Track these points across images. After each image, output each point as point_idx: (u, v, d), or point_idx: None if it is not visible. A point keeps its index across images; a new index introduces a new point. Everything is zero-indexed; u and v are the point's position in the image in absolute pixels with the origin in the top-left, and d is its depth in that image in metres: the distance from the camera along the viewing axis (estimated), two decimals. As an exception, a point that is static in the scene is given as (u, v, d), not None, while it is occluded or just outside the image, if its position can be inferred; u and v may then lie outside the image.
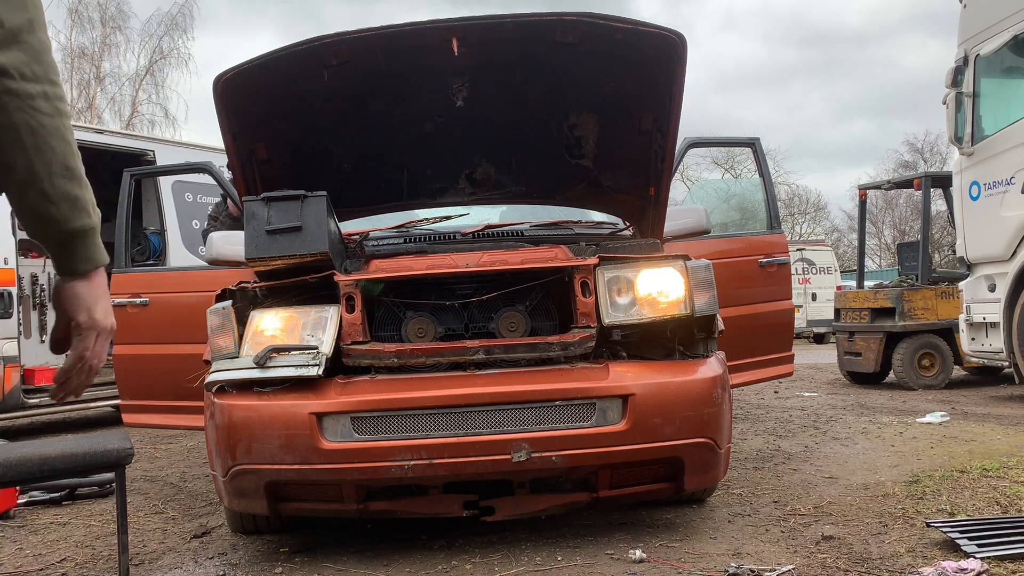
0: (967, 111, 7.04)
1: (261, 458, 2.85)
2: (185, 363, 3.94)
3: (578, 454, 2.86)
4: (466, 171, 4.13)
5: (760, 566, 2.78)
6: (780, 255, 5.24)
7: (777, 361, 5.20)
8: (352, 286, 3.07)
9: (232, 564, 3.16)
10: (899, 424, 6.06)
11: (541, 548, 3.12)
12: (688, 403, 2.93)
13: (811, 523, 3.35)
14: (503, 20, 3.21)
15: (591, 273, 3.12)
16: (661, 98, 3.44)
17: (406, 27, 3.19)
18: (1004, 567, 2.60)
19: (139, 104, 26.38)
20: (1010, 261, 6.69)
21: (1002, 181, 6.75)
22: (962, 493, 3.68)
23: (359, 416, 2.86)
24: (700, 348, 3.17)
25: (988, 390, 8.48)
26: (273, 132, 3.60)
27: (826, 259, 21.50)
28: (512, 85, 3.63)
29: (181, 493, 4.63)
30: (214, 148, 8.66)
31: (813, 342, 21.59)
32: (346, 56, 3.30)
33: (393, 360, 3.04)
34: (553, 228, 3.93)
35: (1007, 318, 6.71)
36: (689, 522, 3.43)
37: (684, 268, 3.11)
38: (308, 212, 3.04)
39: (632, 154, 3.82)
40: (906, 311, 8.86)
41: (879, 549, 2.94)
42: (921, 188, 9.56)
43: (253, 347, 3.01)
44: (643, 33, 3.20)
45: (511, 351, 3.05)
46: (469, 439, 2.83)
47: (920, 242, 9.97)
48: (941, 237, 29.18)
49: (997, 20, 6.81)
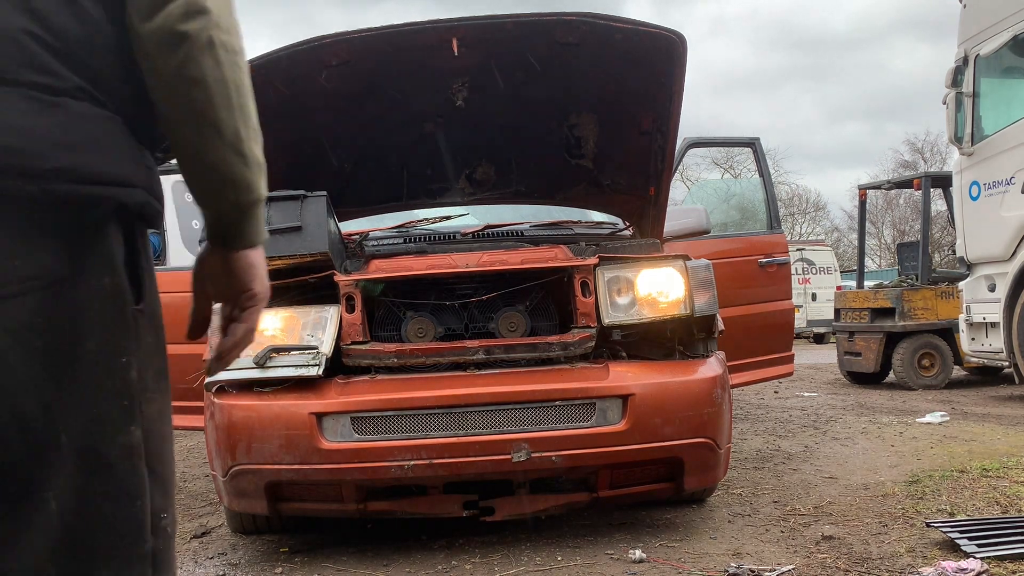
0: (967, 111, 7.04)
1: (261, 458, 2.85)
2: (185, 363, 3.93)
3: (578, 454, 2.87)
4: (466, 171, 4.13)
5: (760, 566, 2.78)
6: (780, 255, 5.24)
7: (777, 361, 5.21)
8: (352, 286, 3.07)
9: (232, 564, 3.16)
10: (899, 424, 6.06)
11: (541, 548, 3.12)
12: (688, 403, 2.93)
13: (811, 523, 3.35)
14: (503, 20, 3.21)
15: (591, 273, 3.12)
16: (661, 98, 3.44)
17: (406, 27, 3.19)
18: (1004, 567, 2.60)
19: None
20: (1010, 261, 6.69)
21: (1002, 181, 6.75)
22: (962, 493, 3.68)
23: (359, 416, 2.86)
24: (700, 348, 3.17)
25: (988, 390, 8.48)
26: (273, 132, 3.59)
27: (826, 259, 21.50)
28: (512, 85, 3.63)
29: (181, 493, 4.63)
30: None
31: (813, 342, 21.59)
32: (346, 56, 3.30)
33: (393, 360, 3.04)
34: (553, 228, 3.93)
35: (1007, 318, 6.71)
36: (689, 522, 3.43)
37: (684, 268, 3.11)
38: (308, 212, 3.04)
39: (632, 154, 3.82)
40: (906, 311, 8.86)
41: (879, 549, 2.94)
42: (921, 188, 9.57)
43: (253, 347, 3.00)
44: (643, 33, 3.20)
45: (511, 351, 3.05)
46: (469, 439, 2.83)
47: (920, 242, 9.97)
48: (941, 237, 29.17)
49: (997, 20, 6.80)
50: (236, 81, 1.01)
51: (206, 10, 0.97)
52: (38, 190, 0.90)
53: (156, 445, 1.04)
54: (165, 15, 0.96)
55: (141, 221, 1.03)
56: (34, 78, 0.92)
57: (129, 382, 1.00)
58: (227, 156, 1.02)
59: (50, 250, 0.93)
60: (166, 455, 1.07)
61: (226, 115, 1.00)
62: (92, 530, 0.97)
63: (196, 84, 0.98)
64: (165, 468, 1.06)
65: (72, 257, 0.95)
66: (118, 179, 0.97)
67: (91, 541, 0.96)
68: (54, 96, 0.93)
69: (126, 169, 0.98)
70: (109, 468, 0.98)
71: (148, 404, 1.03)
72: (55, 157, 0.91)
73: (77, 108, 0.94)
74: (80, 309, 0.95)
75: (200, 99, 0.99)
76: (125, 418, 0.99)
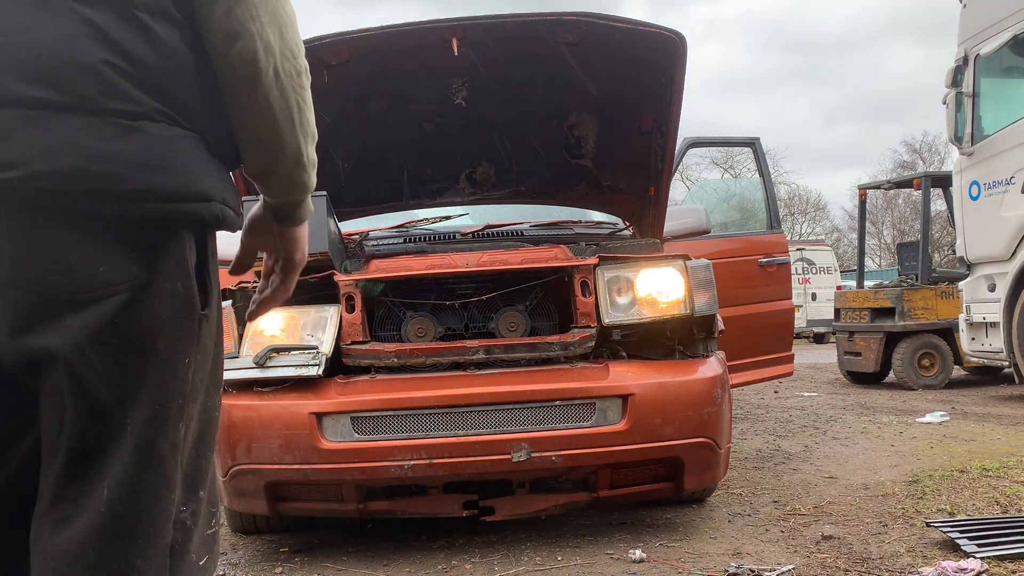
0: (967, 111, 7.04)
1: (261, 458, 2.85)
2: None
3: (578, 454, 2.87)
4: (466, 171, 4.13)
5: (760, 566, 2.78)
6: (780, 255, 5.24)
7: (777, 361, 5.21)
8: (352, 286, 3.07)
9: (232, 564, 3.16)
10: (899, 424, 6.06)
11: (541, 548, 3.12)
12: (688, 403, 2.93)
13: (811, 523, 3.35)
14: (503, 20, 3.21)
15: (591, 273, 3.12)
16: (661, 98, 3.44)
17: (406, 27, 3.19)
18: (1004, 567, 2.60)
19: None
20: (1010, 261, 6.69)
21: (1002, 181, 6.75)
22: (962, 493, 3.68)
23: (359, 416, 2.86)
24: (700, 348, 3.17)
25: (988, 390, 8.48)
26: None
27: (826, 259, 21.49)
28: (512, 85, 3.63)
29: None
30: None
31: (813, 342, 21.59)
32: (346, 56, 3.30)
33: (393, 360, 3.04)
34: (553, 228, 3.93)
35: (1007, 318, 6.71)
36: (689, 522, 3.43)
37: (684, 268, 3.12)
38: (308, 212, 3.04)
39: (632, 154, 3.82)
40: (906, 311, 8.86)
41: (879, 549, 2.94)
42: (921, 188, 9.56)
43: (253, 347, 3.01)
44: (643, 33, 3.20)
45: (511, 351, 3.05)
46: (469, 439, 2.83)
47: (920, 242, 9.97)
48: (941, 237, 29.16)
49: (997, 20, 6.80)
50: (299, 102, 1.14)
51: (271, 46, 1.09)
52: (120, 209, 1.00)
53: (191, 442, 1.12)
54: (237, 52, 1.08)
55: (213, 228, 1.13)
56: (114, 105, 1.00)
57: (187, 382, 1.09)
58: (290, 170, 1.17)
59: (131, 258, 1.02)
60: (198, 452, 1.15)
61: (289, 135, 1.14)
62: (136, 519, 1.04)
63: (264, 112, 1.11)
64: (193, 464, 1.13)
65: (150, 263, 1.04)
66: (193, 195, 1.05)
67: (132, 529, 1.04)
68: (132, 120, 1.01)
69: (202, 184, 1.07)
70: (161, 462, 1.06)
71: (193, 404, 1.11)
72: (134, 179, 1.00)
73: (155, 130, 1.03)
74: (154, 311, 1.04)
75: (268, 125, 1.12)
76: (179, 416, 1.08)
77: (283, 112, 1.12)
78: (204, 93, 1.09)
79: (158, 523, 1.06)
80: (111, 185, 0.98)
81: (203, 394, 1.14)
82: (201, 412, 1.14)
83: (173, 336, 1.06)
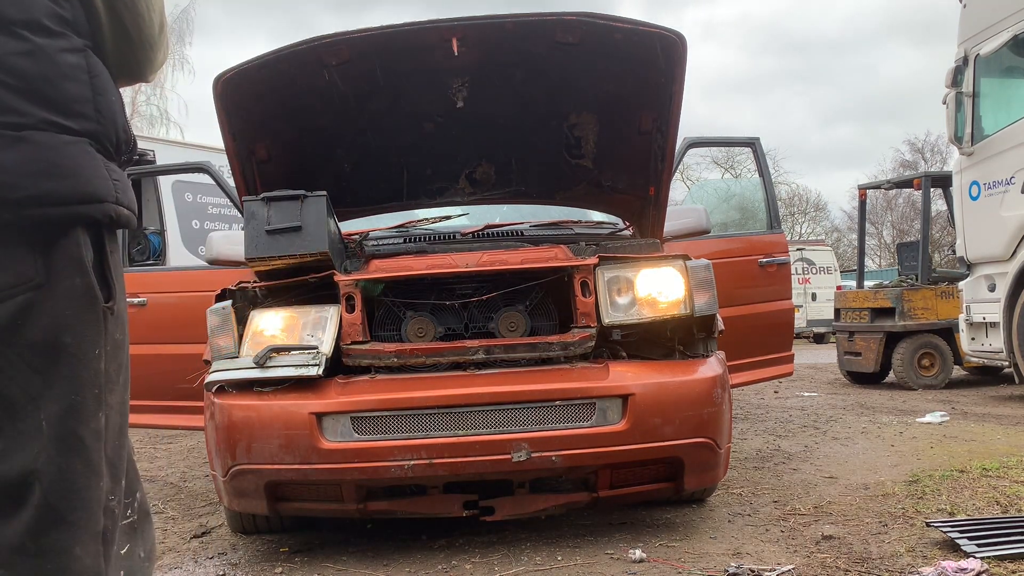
0: (967, 111, 7.04)
1: (261, 458, 2.85)
2: (184, 363, 3.94)
3: (578, 454, 2.86)
4: (466, 171, 4.13)
5: (760, 566, 2.78)
6: (780, 255, 5.23)
7: (777, 361, 5.20)
8: (352, 286, 3.07)
9: (232, 564, 3.16)
10: (899, 424, 6.06)
11: (541, 548, 3.12)
12: (688, 403, 2.93)
13: (811, 523, 3.35)
14: (503, 20, 3.21)
15: (591, 273, 3.12)
16: (661, 98, 3.44)
17: (406, 27, 3.19)
18: (1004, 567, 2.60)
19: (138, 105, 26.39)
20: (1010, 261, 6.69)
21: (1002, 181, 6.75)
22: (962, 493, 3.68)
23: (359, 416, 2.86)
24: (700, 348, 3.17)
25: (988, 390, 8.48)
26: (273, 132, 3.60)
27: (826, 259, 21.50)
28: (512, 85, 3.63)
29: (181, 493, 4.63)
30: (214, 148, 8.66)
31: (813, 342, 21.58)
32: (346, 56, 3.30)
33: (393, 360, 3.04)
34: (553, 228, 3.93)
35: (1007, 318, 6.71)
36: (689, 522, 3.43)
37: (684, 268, 3.11)
38: (308, 212, 3.04)
39: (632, 154, 3.82)
40: (906, 311, 8.86)
41: (879, 549, 2.94)
42: (921, 188, 9.56)
43: (253, 347, 3.01)
44: (643, 33, 3.20)
45: (511, 351, 3.05)
46: (469, 439, 2.83)
47: (920, 242, 9.97)
48: (941, 237, 29.15)
49: (997, 20, 6.80)
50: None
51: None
52: (12, 216, 1.05)
53: (113, 433, 1.18)
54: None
55: (110, 227, 1.18)
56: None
57: (100, 372, 1.14)
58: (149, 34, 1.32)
59: (27, 261, 1.07)
60: (120, 443, 1.21)
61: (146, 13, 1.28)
62: (70, 507, 1.09)
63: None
64: (116, 454, 1.19)
65: (47, 264, 1.08)
66: (83, 197, 1.11)
67: (67, 517, 1.09)
68: (18, 131, 1.06)
69: (92, 186, 1.12)
70: (86, 449, 1.11)
71: (110, 394, 1.17)
72: (23, 186, 1.05)
73: (41, 138, 1.08)
74: (57, 308, 1.09)
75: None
76: (96, 405, 1.13)
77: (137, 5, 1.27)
78: (93, 97, 1.15)
79: (91, 509, 1.11)
80: (1, 193, 1.03)
81: (120, 386, 1.20)
82: (119, 404, 1.20)
83: (79, 329, 1.11)
